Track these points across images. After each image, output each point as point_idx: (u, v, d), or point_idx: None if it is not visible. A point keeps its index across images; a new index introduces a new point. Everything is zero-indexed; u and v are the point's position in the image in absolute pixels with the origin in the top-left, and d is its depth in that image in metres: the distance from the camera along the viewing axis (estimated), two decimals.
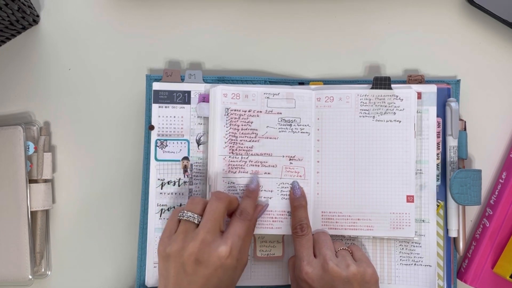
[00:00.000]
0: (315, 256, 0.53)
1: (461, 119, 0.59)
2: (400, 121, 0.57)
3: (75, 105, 0.63)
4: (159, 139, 0.59)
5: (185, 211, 0.51)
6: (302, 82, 0.61)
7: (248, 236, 0.54)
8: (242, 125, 0.58)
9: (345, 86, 0.59)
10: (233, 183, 0.57)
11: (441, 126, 0.59)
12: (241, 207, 0.54)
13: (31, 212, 0.59)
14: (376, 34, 0.63)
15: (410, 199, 0.57)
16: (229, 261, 0.50)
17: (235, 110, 0.58)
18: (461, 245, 0.59)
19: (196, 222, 0.51)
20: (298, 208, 0.56)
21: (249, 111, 0.58)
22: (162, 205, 0.58)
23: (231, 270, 0.50)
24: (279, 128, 0.58)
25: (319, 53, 0.63)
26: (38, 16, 0.63)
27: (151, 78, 0.60)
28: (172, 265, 0.49)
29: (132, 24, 0.63)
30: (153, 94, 0.59)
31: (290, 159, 0.58)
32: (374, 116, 0.58)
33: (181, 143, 0.59)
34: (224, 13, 0.63)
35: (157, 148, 0.59)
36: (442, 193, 0.59)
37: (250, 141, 0.58)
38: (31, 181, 0.60)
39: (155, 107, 0.59)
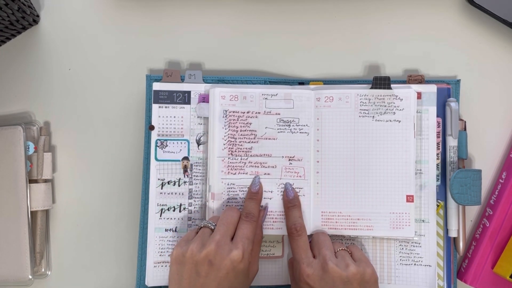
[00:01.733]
0: (314, 256, 0.53)
1: (461, 119, 0.59)
2: (399, 121, 0.57)
3: (75, 105, 0.63)
4: (159, 139, 0.59)
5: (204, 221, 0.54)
6: (302, 82, 0.61)
7: (258, 241, 0.55)
8: (241, 126, 0.58)
9: (345, 86, 0.59)
10: (233, 184, 0.57)
11: (441, 126, 0.59)
12: (245, 210, 0.55)
13: (31, 212, 0.59)
14: (376, 34, 0.63)
15: (410, 199, 0.57)
16: (242, 265, 0.50)
17: (233, 112, 0.58)
18: (461, 245, 0.59)
19: (212, 227, 0.53)
20: (292, 209, 0.56)
21: (247, 112, 0.58)
22: (162, 205, 0.58)
23: (242, 275, 0.51)
24: (278, 129, 0.58)
25: (319, 53, 0.63)
26: (38, 16, 0.63)
27: (151, 78, 0.60)
28: (187, 267, 0.50)
29: (132, 24, 0.63)
30: (153, 94, 0.59)
31: (289, 160, 0.58)
32: (373, 116, 0.58)
33: (181, 143, 0.59)
34: (224, 13, 0.63)
35: (157, 148, 0.59)
36: (442, 193, 0.59)
37: (249, 142, 0.58)
38: (31, 181, 0.60)
39: (155, 107, 0.59)
